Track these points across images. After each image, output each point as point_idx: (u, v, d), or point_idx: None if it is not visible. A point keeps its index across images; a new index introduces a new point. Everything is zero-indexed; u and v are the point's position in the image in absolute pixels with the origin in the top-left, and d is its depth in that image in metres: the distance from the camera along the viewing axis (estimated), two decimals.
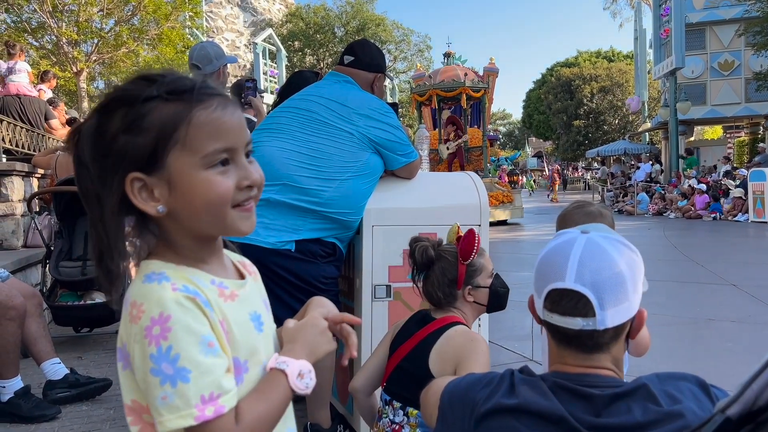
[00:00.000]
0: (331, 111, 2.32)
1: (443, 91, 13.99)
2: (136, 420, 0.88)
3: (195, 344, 0.82)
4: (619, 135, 36.33)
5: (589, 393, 1.02)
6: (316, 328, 0.99)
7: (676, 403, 0.99)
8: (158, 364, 0.80)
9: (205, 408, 0.81)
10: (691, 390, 1.03)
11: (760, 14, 16.47)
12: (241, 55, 36.16)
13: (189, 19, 16.84)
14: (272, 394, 0.90)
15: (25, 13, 13.71)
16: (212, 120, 0.86)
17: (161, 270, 0.87)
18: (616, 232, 1.27)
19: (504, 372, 1.13)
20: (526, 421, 1.03)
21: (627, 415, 0.98)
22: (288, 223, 2.22)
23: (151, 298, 0.83)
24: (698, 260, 7.79)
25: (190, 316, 0.83)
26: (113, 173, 0.85)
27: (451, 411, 1.15)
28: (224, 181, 0.87)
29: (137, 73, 0.90)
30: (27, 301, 3.04)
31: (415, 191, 2.51)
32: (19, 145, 6.66)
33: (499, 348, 3.93)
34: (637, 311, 1.09)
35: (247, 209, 0.90)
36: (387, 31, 36.08)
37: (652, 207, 16.70)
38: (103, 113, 0.86)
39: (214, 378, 0.82)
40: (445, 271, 1.83)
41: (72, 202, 4.38)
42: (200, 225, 0.89)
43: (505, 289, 1.92)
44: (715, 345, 4.09)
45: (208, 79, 0.93)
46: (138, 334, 0.82)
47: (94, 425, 2.90)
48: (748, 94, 20.95)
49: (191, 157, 0.85)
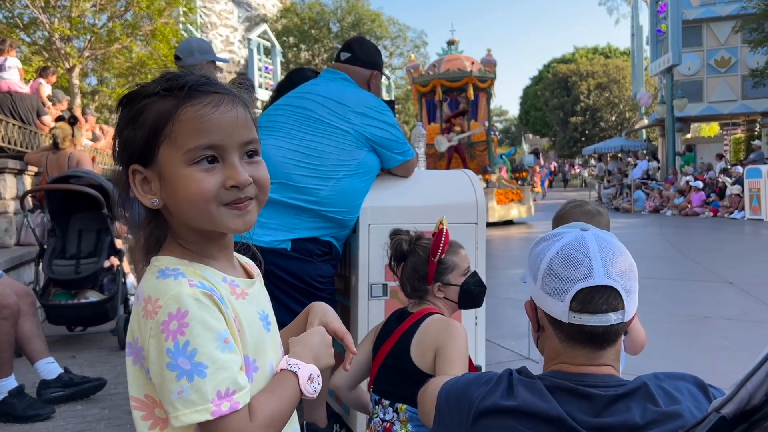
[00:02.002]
0: (328, 109, 2.30)
1: (448, 81, 13.28)
2: (148, 415, 0.89)
3: (212, 340, 0.83)
4: (615, 132, 36.42)
5: (591, 393, 1.02)
6: (323, 340, 1.01)
7: (674, 403, 0.99)
8: (175, 359, 0.81)
9: (221, 403, 0.82)
10: (690, 390, 1.03)
11: (757, 11, 16.48)
12: (236, 50, 36.05)
13: (183, 14, 16.78)
14: (284, 394, 0.91)
15: (17, 9, 13.60)
16: (198, 116, 0.87)
17: (175, 266, 0.89)
18: (613, 229, 1.27)
19: (502, 372, 1.13)
20: (526, 423, 1.03)
21: (626, 414, 0.99)
22: (284, 222, 2.20)
23: (168, 293, 0.84)
24: (694, 258, 7.81)
25: (207, 313, 0.84)
26: (120, 163, 0.91)
27: (448, 409, 1.16)
28: (205, 179, 0.87)
29: (162, 71, 0.96)
30: (20, 300, 3.02)
31: (412, 189, 2.49)
32: (11, 142, 6.62)
33: (497, 346, 3.93)
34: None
35: (239, 208, 0.89)
36: (383, 27, 36.01)
37: (649, 204, 16.74)
38: (119, 108, 0.92)
39: (230, 374, 0.83)
40: (416, 266, 1.90)
41: (65, 200, 4.35)
42: (190, 219, 0.90)
43: (479, 288, 1.95)
44: (711, 342, 4.10)
45: (213, 77, 0.94)
46: (154, 329, 0.83)
47: (88, 425, 2.88)
48: (744, 91, 20.97)
49: (176, 152, 0.87)
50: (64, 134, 5.44)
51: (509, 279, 6.24)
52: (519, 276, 1.95)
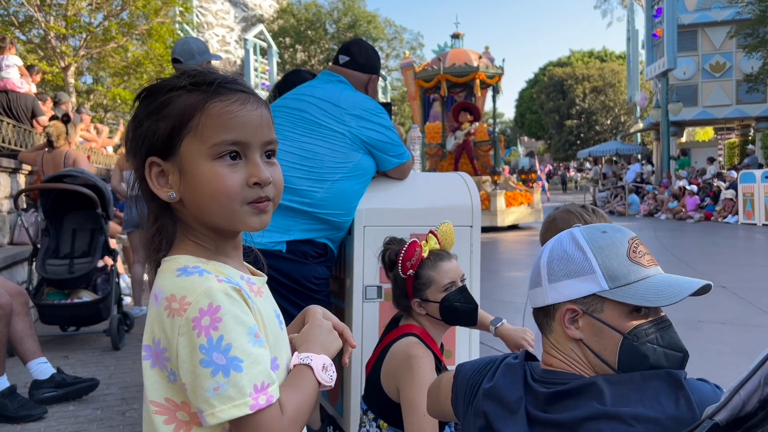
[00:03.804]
0: (324, 111, 2.29)
1: (454, 76, 12.58)
2: (170, 419, 0.87)
3: (244, 334, 0.83)
4: (610, 135, 36.52)
5: (537, 389, 1.05)
6: (323, 328, 1.02)
7: (624, 405, 0.96)
8: (209, 355, 0.80)
9: (258, 396, 0.82)
10: (656, 390, 0.98)
11: (752, 16, 16.58)
12: (232, 51, 36.00)
13: (179, 14, 16.72)
14: (304, 387, 0.92)
15: (12, 6, 13.54)
16: (226, 112, 0.87)
17: (195, 264, 0.88)
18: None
19: (502, 356, 1.18)
20: (492, 406, 1.07)
21: (571, 412, 0.99)
22: (279, 224, 2.19)
23: (197, 289, 0.83)
24: (688, 261, 7.83)
25: (238, 307, 0.84)
26: (136, 155, 0.91)
27: (462, 389, 1.21)
28: (230, 175, 0.87)
29: (182, 69, 0.94)
30: (13, 300, 3.01)
31: (407, 192, 2.49)
32: (5, 140, 6.59)
33: (489, 349, 3.93)
34: (570, 309, 1.05)
35: (259, 208, 0.90)
36: (379, 29, 36.03)
37: (643, 208, 16.80)
38: (138, 100, 0.92)
39: (263, 367, 0.84)
40: (397, 279, 1.82)
41: (59, 199, 4.33)
42: (208, 216, 0.89)
43: (466, 305, 1.80)
44: (704, 347, 4.11)
45: (239, 77, 0.95)
46: (184, 327, 0.82)
47: (80, 425, 2.87)
48: (738, 95, 21.10)
49: (201, 145, 0.87)
50: (58, 132, 5.41)
51: (506, 281, 6.25)
52: (515, 278, 1.92)
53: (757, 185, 12.88)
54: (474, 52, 13.69)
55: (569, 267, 1.06)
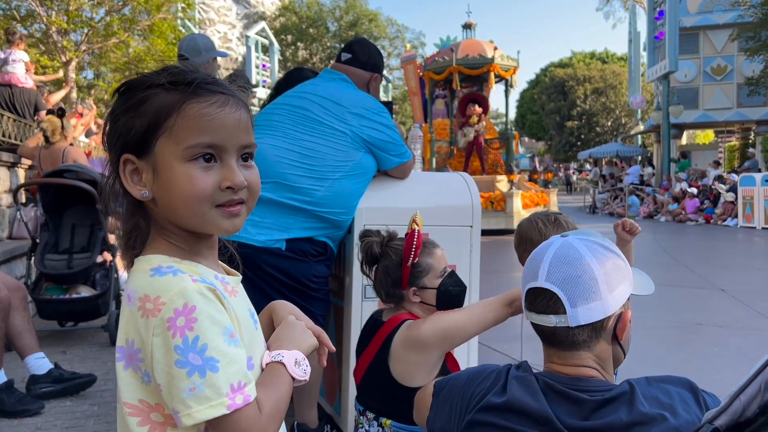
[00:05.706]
0: (325, 109, 2.29)
1: (467, 68, 11.70)
2: (144, 420, 0.86)
3: (220, 334, 0.82)
4: (611, 137, 36.50)
5: (580, 398, 1.04)
6: (296, 327, 1.01)
7: (661, 407, 1.01)
8: (184, 356, 0.80)
9: (235, 396, 0.81)
10: (680, 394, 1.04)
11: (753, 19, 16.56)
12: (234, 47, 35.98)
13: (181, 10, 16.69)
14: (278, 384, 0.91)
15: (14, 1, 13.52)
16: (203, 114, 0.86)
17: (169, 264, 0.87)
18: (607, 234, 1.27)
19: (502, 367, 1.16)
20: (512, 419, 1.06)
21: (613, 417, 1.00)
22: (279, 222, 2.19)
23: (171, 289, 0.82)
24: (687, 264, 7.84)
25: (213, 307, 0.83)
26: (111, 150, 0.90)
27: (448, 400, 1.19)
28: (202, 177, 0.86)
29: (163, 64, 0.93)
30: (11, 294, 3.01)
31: (408, 191, 2.49)
32: (5, 134, 6.58)
33: (488, 349, 3.93)
34: (622, 312, 1.11)
35: (230, 211, 0.89)
36: (380, 27, 35.98)
37: (643, 210, 16.80)
38: (117, 94, 0.90)
39: (239, 367, 0.83)
40: (388, 270, 1.78)
41: (58, 194, 4.32)
42: (179, 217, 0.88)
43: (458, 288, 1.82)
44: (703, 349, 4.11)
45: (219, 77, 0.94)
46: (159, 327, 0.81)
47: (77, 421, 2.87)
48: (739, 99, 21.08)
49: (175, 146, 0.86)
50: (53, 127, 5.39)
51: (507, 282, 6.25)
52: (516, 278, 1.90)
53: (756, 188, 12.89)
54: (488, 43, 12.79)
55: (621, 273, 1.11)
